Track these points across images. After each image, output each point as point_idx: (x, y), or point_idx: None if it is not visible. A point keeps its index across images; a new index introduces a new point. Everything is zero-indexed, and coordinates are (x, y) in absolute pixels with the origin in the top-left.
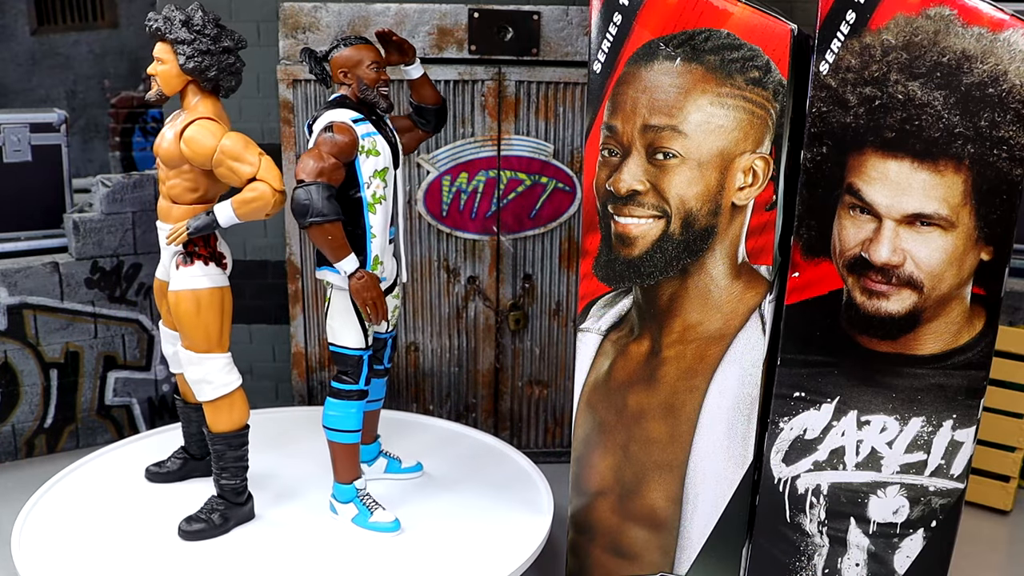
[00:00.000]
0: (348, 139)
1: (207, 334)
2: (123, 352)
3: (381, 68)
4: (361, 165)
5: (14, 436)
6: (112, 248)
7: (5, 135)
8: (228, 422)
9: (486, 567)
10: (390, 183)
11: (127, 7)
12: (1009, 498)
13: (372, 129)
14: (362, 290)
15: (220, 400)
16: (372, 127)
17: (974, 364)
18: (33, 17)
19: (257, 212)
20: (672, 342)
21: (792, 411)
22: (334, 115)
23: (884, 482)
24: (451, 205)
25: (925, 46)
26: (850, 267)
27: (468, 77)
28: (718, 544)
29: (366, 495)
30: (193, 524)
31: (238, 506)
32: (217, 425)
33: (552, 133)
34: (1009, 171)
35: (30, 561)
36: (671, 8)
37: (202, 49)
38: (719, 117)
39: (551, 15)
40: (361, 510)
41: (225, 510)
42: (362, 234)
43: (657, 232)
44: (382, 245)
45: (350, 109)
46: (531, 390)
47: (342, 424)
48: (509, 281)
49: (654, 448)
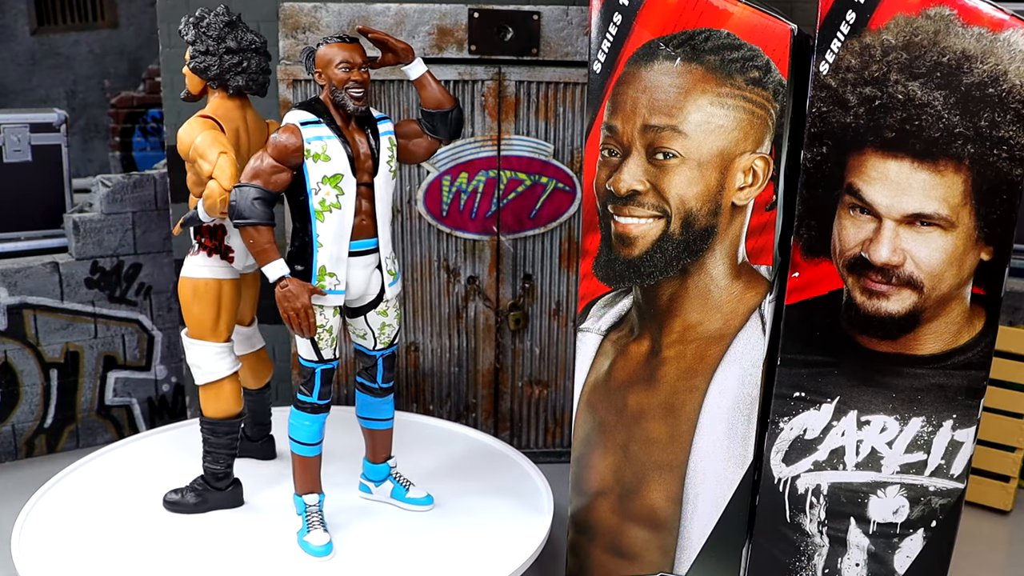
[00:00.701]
0: (290, 142)
1: (200, 321)
2: (123, 352)
3: (355, 68)
4: (309, 170)
5: (14, 436)
6: (112, 248)
7: (5, 135)
8: (215, 409)
9: (486, 567)
10: (348, 192)
11: (127, 7)
12: (1009, 498)
13: (326, 133)
14: (282, 300)
15: (208, 386)
16: (328, 131)
17: (974, 364)
18: (33, 17)
19: (211, 209)
20: (672, 342)
21: (792, 411)
22: (288, 116)
23: (884, 482)
24: (451, 205)
25: (925, 46)
26: (850, 267)
27: (468, 77)
28: (718, 544)
29: (313, 512)
30: (171, 495)
31: (217, 491)
32: (206, 410)
33: (552, 133)
34: (1009, 171)
35: (30, 561)
36: (671, 8)
37: (202, 50)
38: (719, 117)
39: (551, 15)
40: (303, 525)
41: (203, 491)
42: (309, 242)
43: (657, 232)
44: (333, 256)
45: (307, 111)
46: (531, 390)
47: (298, 435)
48: (509, 281)
49: (654, 448)
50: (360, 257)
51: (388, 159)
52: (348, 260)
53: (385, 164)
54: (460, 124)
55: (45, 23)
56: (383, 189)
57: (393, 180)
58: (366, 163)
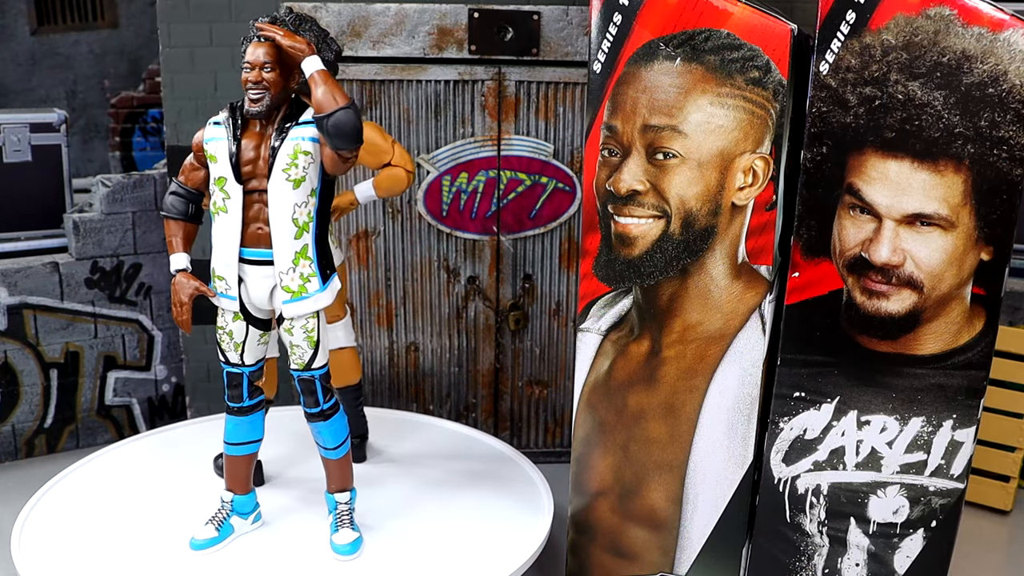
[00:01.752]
0: (197, 140)
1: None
2: (123, 352)
3: (255, 68)
4: (211, 170)
5: (14, 436)
6: (112, 248)
7: (5, 135)
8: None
9: (486, 567)
10: (234, 196)
11: (127, 7)
12: (1009, 498)
13: (220, 134)
14: (171, 289)
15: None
16: (222, 132)
17: (974, 364)
18: (33, 17)
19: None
20: (672, 342)
21: (792, 411)
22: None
23: (884, 482)
24: (451, 205)
25: (925, 46)
26: (850, 267)
27: (468, 77)
28: (718, 544)
29: (221, 509)
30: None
31: None
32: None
33: (552, 133)
34: (1009, 171)
35: (30, 561)
36: (671, 8)
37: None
38: (719, 117)
39: (551, 15)
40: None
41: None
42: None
43: (657, 232)
44: (221, 260)
45: (226, 110)
46: (531, 390)
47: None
48: (509, 281)
49: (654, 448)
50: (257, 267)
51: (286, 166)
52: (244, 267)
53: (281, 171)
54: (339, 134)
55: (45, 23)
56: (277, 197)
57: (296, 190)
58: (257, 168)
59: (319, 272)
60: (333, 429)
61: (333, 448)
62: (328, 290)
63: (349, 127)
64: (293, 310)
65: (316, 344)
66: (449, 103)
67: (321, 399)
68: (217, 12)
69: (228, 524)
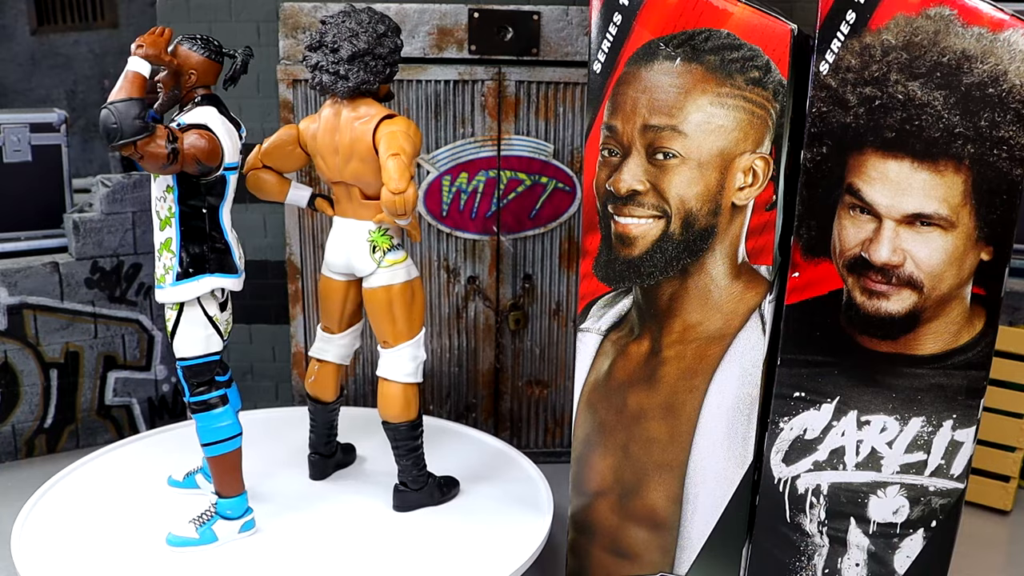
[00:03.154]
0: None
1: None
2: (123, 352)
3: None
4: None
5: (14, 436)
6: (112, 248)
7: (5, 135)
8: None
9: (486, 567)
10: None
11: (127, 7)
12: (1009, 498)
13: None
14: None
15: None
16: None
17: (974, 364)
18: (33, 17)
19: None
20: (672, 342)
21: (792, 411)
22: None
23: (884, 482)
24: (451, 205)
25: (925, 46)
26: (850, 267)
27: (468, 77)
28: (718, 544)
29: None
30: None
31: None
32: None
33: (552, 133)
34: (1009, 171)
35: (30, 561)
36: (671, 8)
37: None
38: (719, 117)
39: (551, 15)
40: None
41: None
42: None
43: (657, 232)
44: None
45: None
46: (531, 390)
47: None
48: (509, 281)
49: (654, 448)
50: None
51: None
52: None
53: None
54: (103, 130)
55: (45, 23)
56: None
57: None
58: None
59: (179, 267)
60: (200, 426)
61: (203, 445)
62: (182, 288)
63: (100, 125)
64: (163, 295)
65: (172, 335)
66: (449, 103)
67: (186, 392)
68: (217, 12)
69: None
